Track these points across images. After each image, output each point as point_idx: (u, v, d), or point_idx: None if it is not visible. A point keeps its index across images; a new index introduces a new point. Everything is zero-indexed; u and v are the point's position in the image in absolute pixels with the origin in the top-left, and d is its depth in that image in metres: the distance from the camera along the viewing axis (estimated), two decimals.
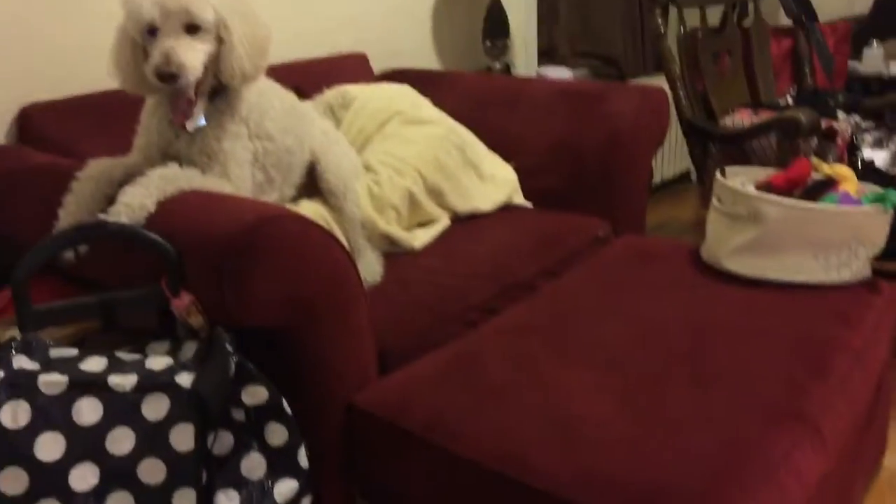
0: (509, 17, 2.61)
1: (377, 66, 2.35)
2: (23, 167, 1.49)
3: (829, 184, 1.61)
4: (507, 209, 2.02)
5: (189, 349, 1.08)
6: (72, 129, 1.67)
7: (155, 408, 1.00)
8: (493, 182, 2.00)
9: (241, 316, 1.12)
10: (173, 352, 1.09)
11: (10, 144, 1.67)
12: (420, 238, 1.81)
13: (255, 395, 1.05)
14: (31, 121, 1.67)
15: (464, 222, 1.94)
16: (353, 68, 2.25)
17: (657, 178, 3.58)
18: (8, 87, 1.67)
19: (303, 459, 1.09)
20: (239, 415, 1.05)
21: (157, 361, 1.04)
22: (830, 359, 1.26)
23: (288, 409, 1.07)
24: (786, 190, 1.59)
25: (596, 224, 1.92)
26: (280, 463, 1.07)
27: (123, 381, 1.00)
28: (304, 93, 1.98)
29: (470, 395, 1.22)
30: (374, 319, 1.35)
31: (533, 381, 1.23)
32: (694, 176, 3.20)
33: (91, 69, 1.77)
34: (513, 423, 1.14)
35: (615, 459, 1.05)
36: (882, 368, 1.47)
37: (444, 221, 1.90)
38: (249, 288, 1.10)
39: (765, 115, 1.99)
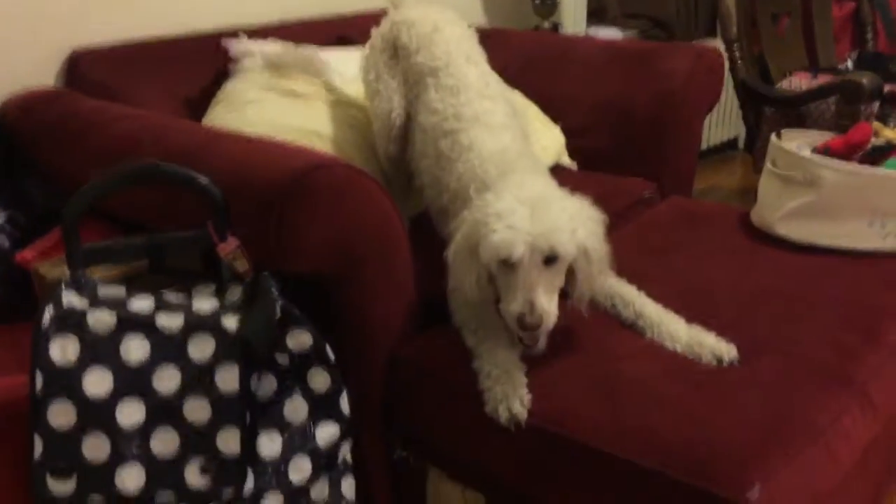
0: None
1: None
2: (75, 111, 1.50)
3: (889, 149, 1.55)
4: (552, 170, 1.99)
5: (234, 292, 1.09)
6: (122, 75, 1.68)
7: (201, 348, 1.01)
8: (539, 146, 1.98)
9: (287, 262, 1.13)
10: (219, 294, 1.09)
11: (61, 88, 1.69)
12: None
13: (300, 339, 1.05)
14: (81, 65, 1.68)
15: None
16: None
17: (703, 144, 3.50)
18: (58, 29, 1.68)
19: (344, 406, 1.10)
20: (283, 359, 1.06)
21: (204, 303, 1.05)
22: (881, 326, 1.23)
23: (331, 356, 1.07)
24: (845, 154, 1.54)
25: (642, 185, 1.89)
26: (322, 408, 1.08)
27: (170, 322, 1.01)
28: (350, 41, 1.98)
29: None
30: (417, 273, 1.35)
31: (579, 343, 1.22)
32: (742, 142, 3.12)
33: (141, 14, 1.78)
34: (558, 382, 1.13)
35: (661, 418, 1.04)
36: None
37: None
38: (296, 234, 1.10)
39: (824, 79, 1.92)
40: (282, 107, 1.57)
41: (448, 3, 2.42)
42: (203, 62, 1.76)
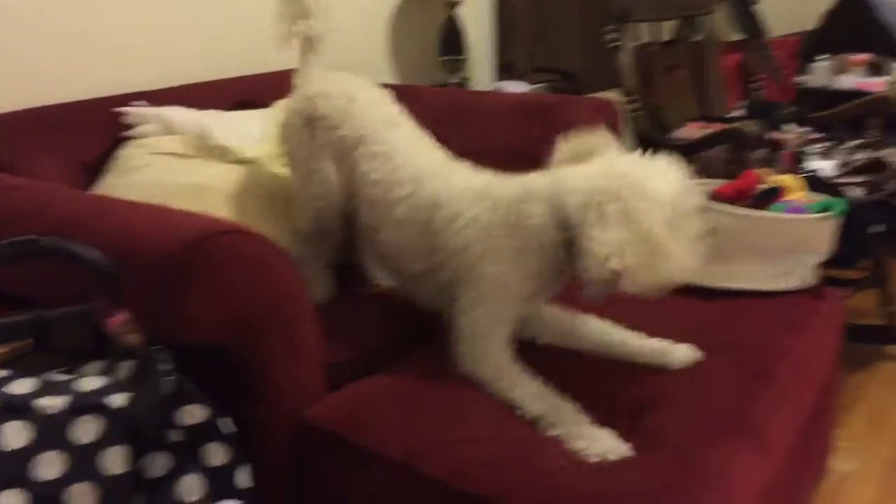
0: (467, 33, 2.61)
1: None
2: None
3: (776, 193, 1.63)
4: None
5: (124, 369, 1.05)
6: (13, 145, 1.63)
7: (86, 430, 0.96)
8: None
9: (182, 334, 1.10)
10: (108, 372, 1.05)
11: None
12: None
13: (193, 414, 1.01)
14: None
15: None
16: None
17: None
18: None
19: (244, 479, 1.06)
20: (176, 435, 1.02)
21: (90, 382, 1.01)
22: (775, 366, 1.27)
23: (228, 429, 1.04)
24: (734, 200, 1.61)
25: None
26: (220, 484, 1.04)
27: (53, 403, 0.96)
28: (258, 106, 1.97)
29: (422, 411, 1.19)
30: (324, 334, 1.33)
31: (488, 399, 1.21)
32: None
33: (33, 81, 1.74)
34: (468, 441, 1.12)
35: (567, 472, 1.04)
36: (827, 374, 1.48)
37: None
38: (189, 305, 1.07)
39: (715, 128, 2.02)
40: (171, 168, 1.54)
41: (357, 65, 2.46)
42: (99, 129, 1.72)
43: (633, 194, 1.10)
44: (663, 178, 1.15)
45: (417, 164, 1.40)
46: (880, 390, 2.07)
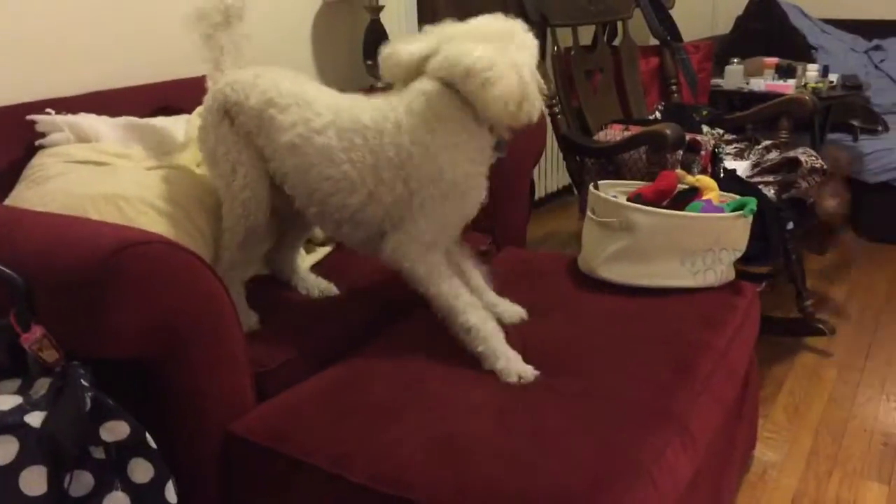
0: (389, 36, 2.61)
1: None
2: None
3: (693, 193, 1.69)
4: None
5: (41, 386, 1.01)
6: None
7: (2, 451, 0.93)
8: None
9: (102, 348, 1.06)
10: (24, 390, 1.01)
11: None
12: (307, 261, 1.79)
13: (115, 430, 0.99)
14: None
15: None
16: None
17: (541, 192, 3.66)
18: None
19: (171, 495, 1.04)
20: (98, 452, 0.99)
21: (5, 401, 0.97)
22: (696, 360, 1.31)
23: (152, 444, 1.01)
24: (655, 200, 1.65)
25: (479, 239, 1.94)
26: (147, 500, 1.01)
27: None
28: (176, 111, 1.93)
29: (352, 416, 1.20)
30: (251, 343, 1.31)
31: (416, 401, 1.22)
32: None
33: None
34: (394, 444, 1.13)
35: (494, 471, 1.05)
36: (747, 366, 1.54)
37: (328, 247, 1.91)
38: (108, 319, 1.04)
39: (635, 130, 2.07)
40: (86, 177, 1.48)
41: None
42: (11, 138, 1.66)
43: (509, 37, 1.31)
44: (527, 33, 1.35)
45: (328, 100, 1.44)
46: (800, 382, 2.16)
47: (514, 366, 1.29)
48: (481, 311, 1.36)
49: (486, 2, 1.52)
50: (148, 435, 1.01)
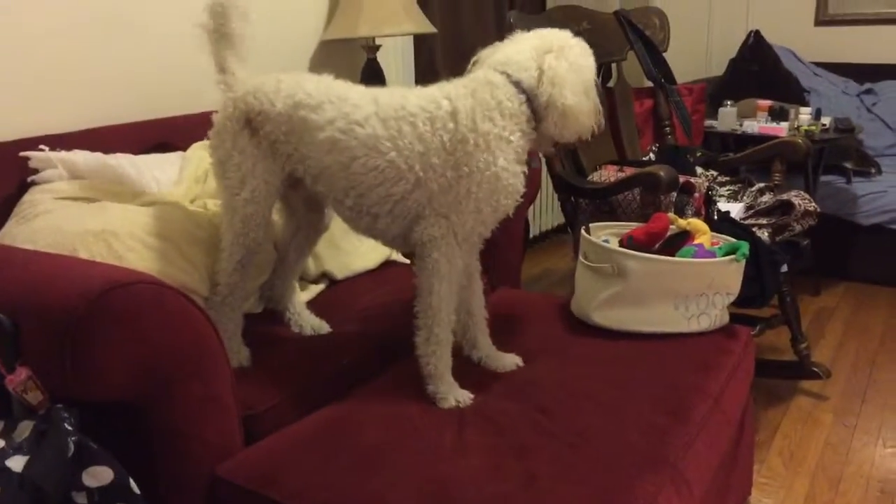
0: (385, 75, 2.63)
1: None
2: None
3: (685, 237, 1.69)
4: (387, 265, 2.03)
5: (25, 429, 0.99)
6: None
7: None
8: (369, 246, 2.01)
9: (87, 391, 1.05)
10: (6, 433, 0.99)
11: None
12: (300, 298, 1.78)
13: (99, 476, 0.97)
14: None
15: (342, 281, 1.94)
16: None
17: (535, 231, 3.67)
18: None
19: None
20: (81, 498, 0.97)
21: None
22: (689, 404, 1.30)
23: (136, 489, 0.99)
24: (646, 243, 1.65)
25: None
26: None
27: None
28: (172, 148, 1.93)
29: (342, 459, 1.18)
30: (241, 384, 1.29)
31: (406, 444, 1.21)
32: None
33: None
34: (385, 488, 1.11)
35: None
36: (742, 410, 1.53)
37: (321, 284, 1.91)
38: (93, 361, 1.03)
39: (629, 171, 2.07)
40: (75, 214, 1.47)
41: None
42: (3, 174, 1.65)
43: (570, 52, 1.39)
44: (584, 48, 1.43)
45: (362, 93, 1.43)
46: (796, 426, 2.14)
47: (453, 391, 1.35)
48: (450, 333, 1.39)
49: (483, 42, 1.53)
50: (132, 481, 0.99)
